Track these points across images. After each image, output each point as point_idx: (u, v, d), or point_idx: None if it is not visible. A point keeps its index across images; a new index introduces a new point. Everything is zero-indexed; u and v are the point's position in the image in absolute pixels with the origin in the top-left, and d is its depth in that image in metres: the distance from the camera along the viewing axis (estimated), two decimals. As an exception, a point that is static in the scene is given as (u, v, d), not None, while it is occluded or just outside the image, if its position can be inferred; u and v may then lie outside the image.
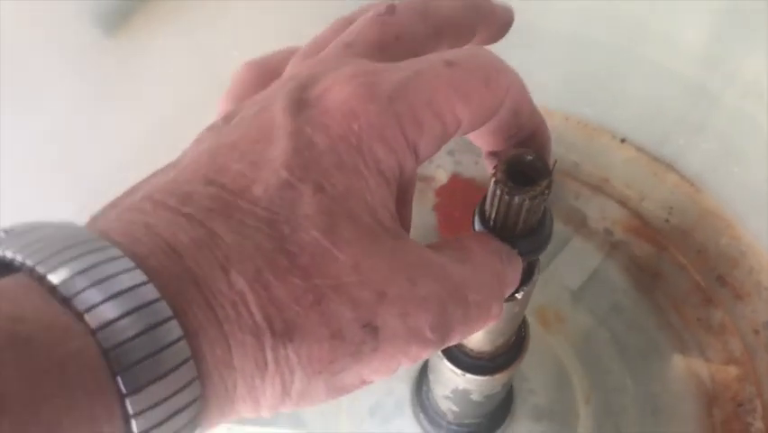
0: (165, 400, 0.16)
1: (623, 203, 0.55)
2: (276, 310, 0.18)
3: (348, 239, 0.19)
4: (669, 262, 0.53)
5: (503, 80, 0.22)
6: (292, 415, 0.47)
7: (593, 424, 0.46)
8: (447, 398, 0.37)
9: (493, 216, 0.23)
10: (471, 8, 0.25)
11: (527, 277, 0.26)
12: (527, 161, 0.22)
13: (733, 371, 0.48)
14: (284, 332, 0.18)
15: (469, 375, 0.32)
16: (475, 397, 0.35)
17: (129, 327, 0.16)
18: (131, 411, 0.16)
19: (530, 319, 0.33)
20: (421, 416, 0.43)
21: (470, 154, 0.58)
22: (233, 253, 0.18)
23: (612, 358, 0.48)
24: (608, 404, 0.46)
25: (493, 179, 0.22)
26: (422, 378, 0.44)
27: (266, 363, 0.18)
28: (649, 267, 0.53)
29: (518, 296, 0.26)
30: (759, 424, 0.47)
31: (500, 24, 0.26)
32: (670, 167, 0.55)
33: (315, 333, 0.18)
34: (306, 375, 0.18)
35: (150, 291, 0.16)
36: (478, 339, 0.30)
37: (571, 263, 0.52)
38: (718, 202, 0.54)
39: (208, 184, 0.19)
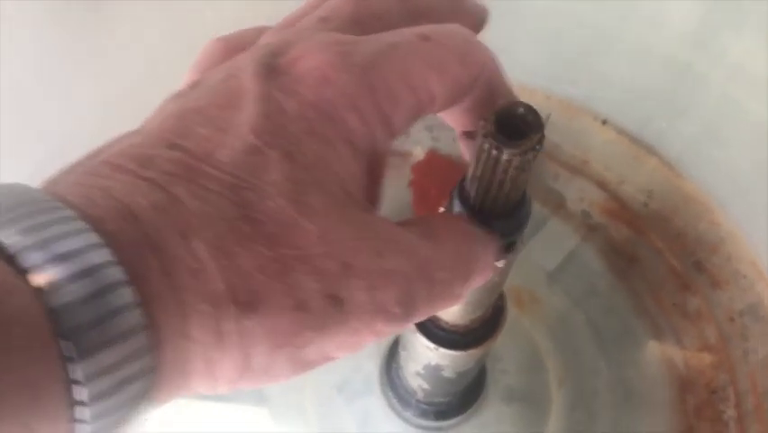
0: (113, 368, 0.15)
1: (602, 185, 0.54)
2: (239, 280, 0.17)
3: (315, 209, 0.18)
4: (646, 247, 0.52)
5: (478, 57, 0.21)
6: (255, 392, 0.45)
7: (565, 407, 0.44)
8: (418, 374, 0.35)
9: (478, 174, 0.21)
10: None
11: (510, 246, 0.24)
12: (519, 113, 0.20)
13: (707, 358, 0.48)
14: (248, 302, 0.17)
15: (442, 349, 0.31)
16: (447, 373, 0.34)
17: (76, 290, 0.15)
18: (74, 378, 0.15)
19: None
20: (390, 394, 0.42)
21: (449, 130, 0.56)
22: (194, 219, 0.17)
23: (587, 341, 0.47)
24: (581, 388, 0.45)
25: (481, 134, 0.20)
26: (391, 355, 0.42)
27: (227, 336, 0.17)
28: (626, 251, 0.52)
29: (499, 264, 0.25)
30: (732, 412, 0.46)
31: (475, 21, 0.25)
32: (651, 150, 0.54)
33: (279, 304, 0.17)
34: (269, 349, 0.18)
35: (102, 254, 0.15)
36: (454, 312, 0.29)
37: (547, 245, 0.51)
38: (699, 187, 0.53)
39: (171, 148, 0.18)
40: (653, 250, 0.52)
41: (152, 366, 0.16)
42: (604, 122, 0.56)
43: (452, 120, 0.24)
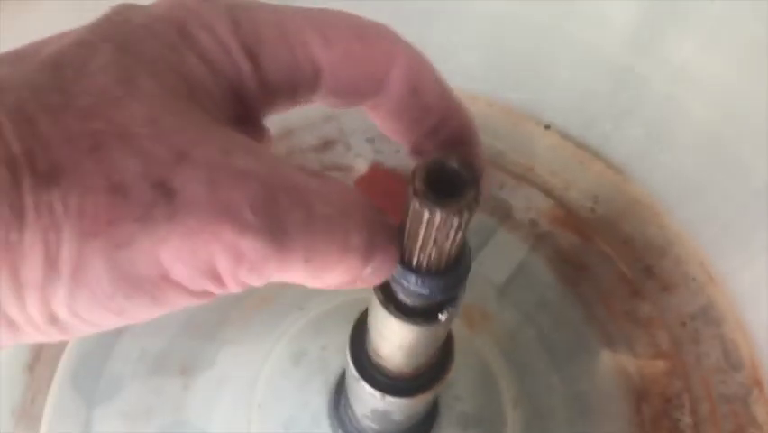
0: None
1: (548, 192, 0.53)
2: (40, 147, 0.15)
3: (148, 92, 0.17)
4: (595, 254, 0.51)
5: (385, 44, 0.20)
6: (198, 432, 0.43)
7: (522, 429, 0.43)
8: (366, 417, 0.34)
9: (411, 233, 0.19)
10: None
11: (452, 300, 0.23)
12: (450, 168, 0.18)
13: (661, 365, 0.47)
14: (49, 173, 0.15)
15: (389, 397, 0.29)
16: (396, 417, 0.32)
17: None
18: None
19: (455, 320, 0.30)
20: (339, 432, 0.40)
21: (392, 142, 0.54)
22: None
23: (539, 357, 0.46)
24: (536, 407, 0.44)
25: (411, 191, 0.18)
26: (340, 390, 0.40)
27: (24, 209, 0.15)
28: (575, 259, 0.51)
29: (442, 318, 0.23)
30: (687, 420, 0.45)
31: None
32: (596, 154, 0.53)
33: (89, 182, 0.15)
34: (78, 236, 0.15)
35: None
36: (397, 361, 0.27)
37: (496, 257, 0.50)
38: (645, 190, 0.52)
39: (7, 53, 0.18)
40: (601, 256, 0.51)
41: None
42: (547, 126, 0.55)
43: (387, 128, 0.22)
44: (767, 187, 0.44)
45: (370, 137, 0.55)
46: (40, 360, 0.47)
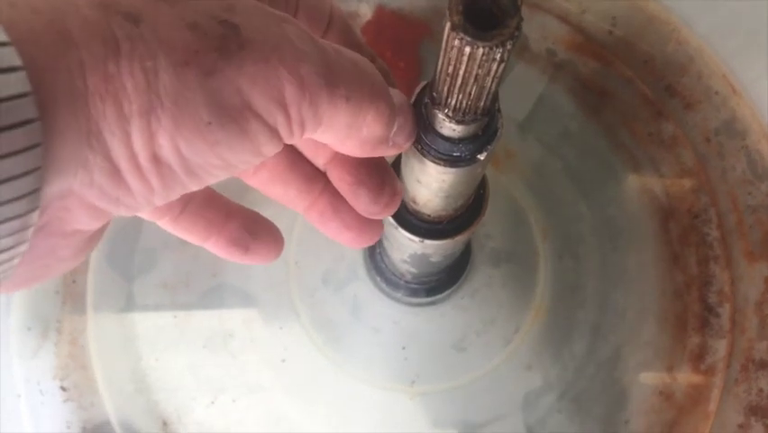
0: None
1: (563, 18, 0.51)
2: None
3: None
4: (616, 78, 0.50)
5: None
6: (239, 292, 0.44)
7: (553, 258, 0.44)
8: (404, 261, 0.34)
9: (450, 72, 0.18)
10: None
11: (491, 136, 0.22)
12: (487, -2, 0.17)
13: (687, 183, 0.47)
14: (133, 15, 0.16)
15: (427, 241, 0.29)
16: (434, 259, 0.32)
17: None
18: None
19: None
20: (377, 278, 0.41)
21: (395, -18, 0.52)
22: None
23: (566, 188, 0.46)
24: (566, 236, 0.45)
25: (447, 26, 0.17)
26: (373, 240, 0.41)
27: (117, 41, 0.16)
28: (596, 85, 0.49)
29: (481, 157, 0.22)
30: (715, 233, 0.46)
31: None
32: (610, -29, 0.51)
33: (167, 20, 0.17)
34: (173, 64, 0.17)
35: None
36: (434, 206, 0.27)
37: (515, 93, 0.48)
38: (663, 5, 0.50)
39: None
40: (622, 80, 0.49)
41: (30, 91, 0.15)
42: (557, -54, 0.51)
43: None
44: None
45: (373, -22, 0.52)
46: (73, 242, 0.47)
